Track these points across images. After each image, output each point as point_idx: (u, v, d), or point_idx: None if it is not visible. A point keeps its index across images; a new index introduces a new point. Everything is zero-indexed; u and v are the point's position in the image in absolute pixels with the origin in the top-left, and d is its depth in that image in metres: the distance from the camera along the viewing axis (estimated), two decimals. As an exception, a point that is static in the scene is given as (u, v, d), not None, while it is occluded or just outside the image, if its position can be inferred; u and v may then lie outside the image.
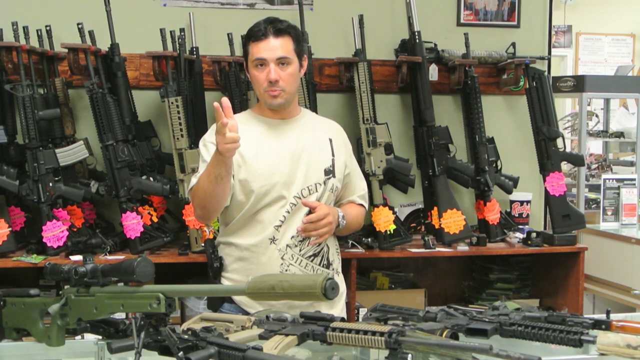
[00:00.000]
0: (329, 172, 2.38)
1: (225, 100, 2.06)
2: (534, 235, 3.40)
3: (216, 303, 2.42)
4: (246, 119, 2.39)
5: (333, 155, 2.41)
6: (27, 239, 3.19)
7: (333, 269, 2.42)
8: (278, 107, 2.35)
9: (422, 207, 3.57)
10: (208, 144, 2.32)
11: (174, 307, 1.46)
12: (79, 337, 1.79)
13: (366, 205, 2.58)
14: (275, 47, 2.27)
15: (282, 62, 2.28)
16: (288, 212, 2.31)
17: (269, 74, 2.27)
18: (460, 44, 3.55)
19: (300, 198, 2.32)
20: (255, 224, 2.33)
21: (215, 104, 2.03)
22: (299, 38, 2.36)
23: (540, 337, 1.55)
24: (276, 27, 2.29)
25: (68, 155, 3.15)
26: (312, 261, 2.35)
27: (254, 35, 2.30)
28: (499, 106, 3.78)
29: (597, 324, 1.62)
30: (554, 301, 3.60)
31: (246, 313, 2.24)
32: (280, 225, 2.31)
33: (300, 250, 2.33)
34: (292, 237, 2.31)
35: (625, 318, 1.67)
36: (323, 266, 2.38)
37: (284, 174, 2.31)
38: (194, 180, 2.31)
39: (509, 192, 3.55)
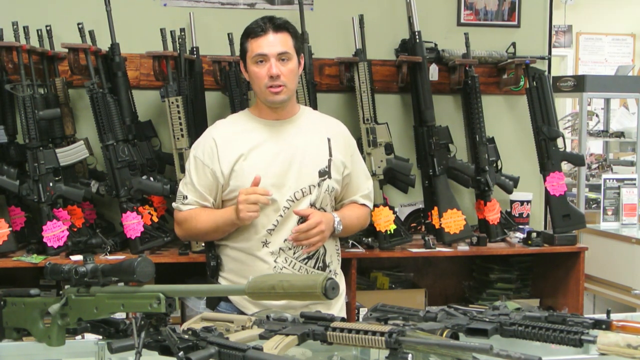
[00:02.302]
0: (324, 173, 2.33)
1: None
2: (534, 235, 3.40)
3: (214, 301, 2.43)
4: (244, 120, 2.39)
5: (330, 155, 2.36)
6: (28, 239, 3.19)
7: (330, 271, 2.37)
8: (280, 104, 2.31)
9: (422, 207, 3.57)
10: (198, 161, 2.31)
11: (174, 307, 1.46)
12: (79, 337, 1.80)
13: (370, 205, 2.52)
14: (275, 42, 2.26)
15: (282, 57, 2.26)
16: (281, 216, 2.28)
17: (270, 69, 2.24)
18: (461, 43, 3.54)
19: (293, 201, 2.28)
20: (248, 227, 2.29)
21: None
22: (297, 35, 2.34)
23: (541, 337, 1.55)
24: (275, 23, 2.28)
25: (68, 155, 3.15)
26: (306, 264, 2.31)
27: (252, 32, 2.28)
28: (499, 106, 3.78)
29: (597, 324, 1.62)
30: (554, 301, 3.60)
31: (242, 313, 2.23)
32: (273, 229, 2.28)
33: (294, 254, 2.29)
34: (285, 240, 2.28)
35: (625, 318, 1.67)
36: (318, 269, 2.33)
37: (274, 175, 2.27)
38: (183, 207, 2.33)
39: (509, 192, 3.55)
